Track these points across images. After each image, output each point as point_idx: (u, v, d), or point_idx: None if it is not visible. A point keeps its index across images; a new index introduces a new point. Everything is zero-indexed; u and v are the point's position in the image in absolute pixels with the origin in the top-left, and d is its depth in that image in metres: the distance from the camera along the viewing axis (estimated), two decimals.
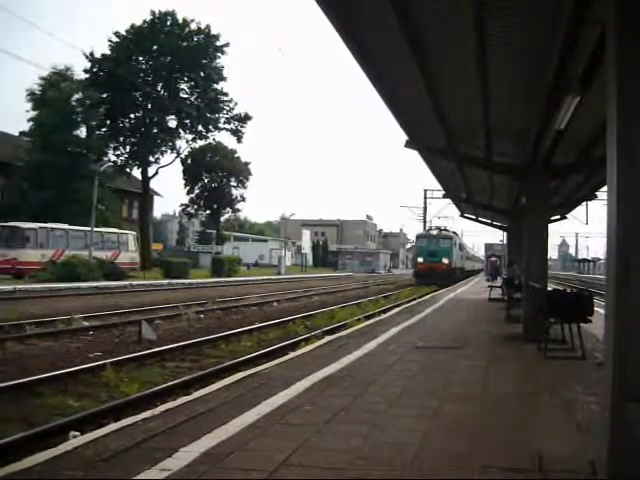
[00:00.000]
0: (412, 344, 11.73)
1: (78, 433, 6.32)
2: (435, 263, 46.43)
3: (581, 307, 10.47)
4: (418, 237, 51.45)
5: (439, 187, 30.84)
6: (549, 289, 13.17)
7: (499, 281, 30.53)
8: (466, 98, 11.68)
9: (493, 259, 49.06)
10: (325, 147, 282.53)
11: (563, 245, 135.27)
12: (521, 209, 19.66)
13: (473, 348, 11.59)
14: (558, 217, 29.29)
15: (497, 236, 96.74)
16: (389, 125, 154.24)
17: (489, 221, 38.91)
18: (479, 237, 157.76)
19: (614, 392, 4.16)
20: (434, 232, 49.86)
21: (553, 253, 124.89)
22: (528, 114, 12.01)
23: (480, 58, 9.25)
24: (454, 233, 52.90)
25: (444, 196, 32.78)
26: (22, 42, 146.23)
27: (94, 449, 4.96)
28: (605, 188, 8.29)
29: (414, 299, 28.41)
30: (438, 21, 8.75)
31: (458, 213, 37.44)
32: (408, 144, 16.01)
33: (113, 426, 5.79)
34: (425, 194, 53.95)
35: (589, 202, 27.80)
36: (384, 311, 22.25)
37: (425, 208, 55.39)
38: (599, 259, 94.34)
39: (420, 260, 47.89)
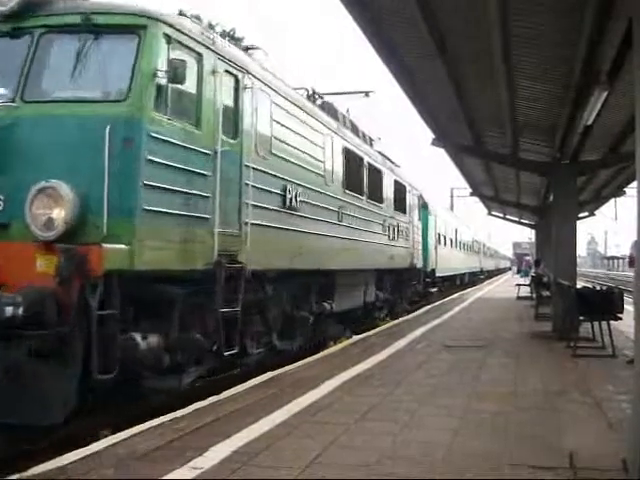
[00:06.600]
0: (441, 343, 11.68)
1: (108, 432, 6.38)
2: None
3: (611, 305, 10.35)
4: None
5: (466, 185, 30.57)
6: (578, 287, 13.04)
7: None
8: (493, 95, 11.62)
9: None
10: None
11: (592, 242, 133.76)
12: (549, 206, 19.47)
13: (502, 346, 11.50)
14: (586, 214, 28.94)
15: (518, 234, 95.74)
16: (415, 123, 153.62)
17: (517, 219, 38.61)
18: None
19: None
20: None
21: (582, 250, 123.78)
22: (555, 110, 11.91)
23: (506, 53, 9.20)
24: None
25: (471, 194, 32.48)
26: None
27: (126, 448, 5.02)
28: (634, 184, 8.16)
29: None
30: (461, 14, 8.71)
31: (485, 211, 37.27)
32: (435, 142, 15.98)
33: (144, 425, 5.83)
34: (452, 192, 51.85)
35: (618, 199, 27.38)
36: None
37: (452, 206, 53.77)
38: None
39: None
